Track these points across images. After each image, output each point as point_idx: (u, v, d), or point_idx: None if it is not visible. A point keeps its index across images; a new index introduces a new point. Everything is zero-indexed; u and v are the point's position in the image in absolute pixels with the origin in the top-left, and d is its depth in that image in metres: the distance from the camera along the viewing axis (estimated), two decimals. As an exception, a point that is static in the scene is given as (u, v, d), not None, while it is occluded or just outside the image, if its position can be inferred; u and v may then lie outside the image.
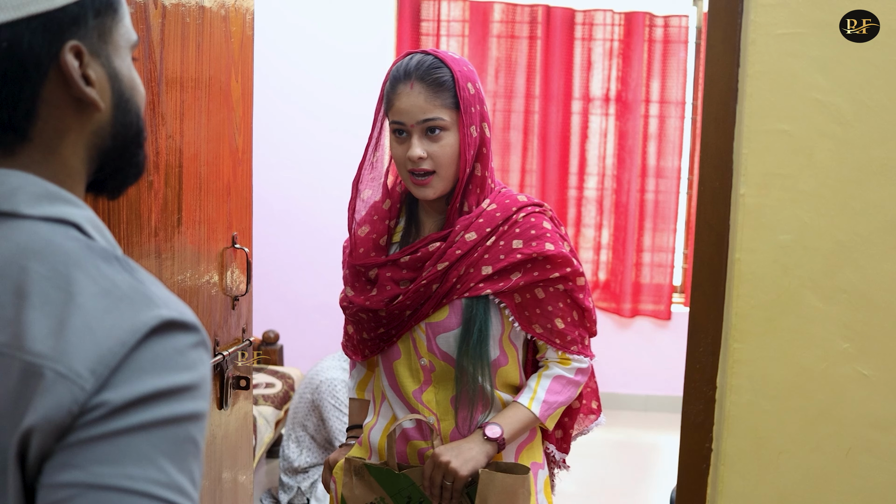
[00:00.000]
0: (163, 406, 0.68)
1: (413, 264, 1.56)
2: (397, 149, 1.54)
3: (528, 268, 1.53)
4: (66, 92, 0.76)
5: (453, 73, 1.50)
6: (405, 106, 1.49)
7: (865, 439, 1.49)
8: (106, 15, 0.78)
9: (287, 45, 4.78)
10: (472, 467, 1.50)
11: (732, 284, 1.48)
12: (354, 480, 1.61)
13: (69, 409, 0.66)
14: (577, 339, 1.60)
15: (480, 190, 1.56)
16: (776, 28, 1.43)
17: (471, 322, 1.53)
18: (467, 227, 1.54)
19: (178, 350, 0.70)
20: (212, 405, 1.91)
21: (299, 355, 4.70)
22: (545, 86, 4.90)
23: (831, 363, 1.48)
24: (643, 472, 4.27)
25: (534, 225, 1.55)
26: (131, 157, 0.84)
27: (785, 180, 1.45)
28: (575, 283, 1.57)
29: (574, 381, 1.61)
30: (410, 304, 1.55)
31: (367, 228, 1.62)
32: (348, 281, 1.65)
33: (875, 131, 1.43)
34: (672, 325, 5.01)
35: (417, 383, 1.59)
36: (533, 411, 1.57)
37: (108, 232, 0.80)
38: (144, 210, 1.56)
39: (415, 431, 1.61)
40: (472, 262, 1.53)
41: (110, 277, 0.72)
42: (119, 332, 0.68)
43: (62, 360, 0.67)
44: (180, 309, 0.73)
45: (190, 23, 1.70)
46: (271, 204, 4.75)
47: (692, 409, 1.53)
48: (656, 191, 5.03)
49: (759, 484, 1.50)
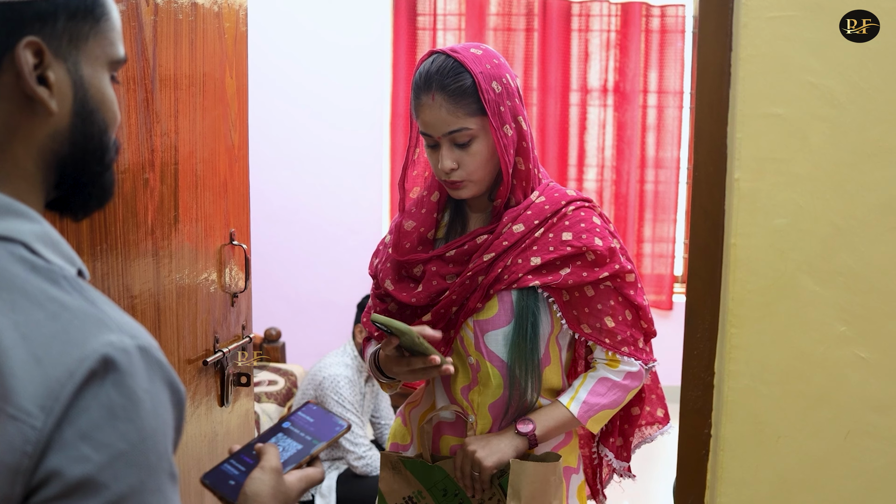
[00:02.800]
0: (116, 473, 0.66)
1: (460, 258, 1.53)
2: (430, 156, 1.52)
3: (577, 265, 1.49)
4: (18, 87, 0.73)
5: (474, 77, 1.44)
6: (429, 119, 1.46)
7: (864, 422, 1.48)
8: (82, 21, 0.76)
9: (282, 41, 4.78)
10: (497, 459, 1.48)
11: (729, 270, 1.48)
12: (392, 475, 1.59)
13: (22, 450, 0.65)
14: (628, 340, 1.54)
15: (526, 182, 1.53)
16: (768, 11, 1.42)
17: (522, 318, 1.49)
18: (515, 219, 1.51)
19: (127, 394, 0.68)
20: (212, 403, 1.91)
21: (301, 352, 4.71)
22: (543, 78, 4.89)
23: (829, 347, 1.47)
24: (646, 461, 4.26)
25: (583, 219, 1.52)
26: (94, 175, 0.81)
27: (779, 164, 1.45)
28: (624, 280, 1.53)
29: (621, 384, 1.56)
30: (457, 298, 1.51)
31: (412, 223, 1.58)
32: (388, 274, 1.60)
33: (869, 113, 1.43)
34: (674, 315, 5.01)
35: (468, 380, 1.55)
36: (571, 411, 1.53)
37: (65, 245, 0.77)
38: (140, 208, 1.56)
39: (450, 427, 1.59)
40: (519, 252, 1.50)
41: (58, 300, 0.69)
42: (69, 360, 0.66)
43: (10, 399, 0.65)
44: (133, 331, 0.71)
45: (182, 20, 1.70)
46: (271, 201, 4.75)
47: (691, 395, 1.53)
48: (656, 181, 5.02)
49: (758, 469, 1.50)
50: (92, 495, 0.66)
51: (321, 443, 1.05)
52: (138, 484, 0.68)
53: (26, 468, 0.65)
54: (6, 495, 0.65)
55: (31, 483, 0.66)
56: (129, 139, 1.51)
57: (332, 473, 3.34)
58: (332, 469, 3.34)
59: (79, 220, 0.85)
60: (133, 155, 1.52)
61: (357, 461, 3.28)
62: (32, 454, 0.65)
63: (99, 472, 0.66)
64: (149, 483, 0.69)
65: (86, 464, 0.66)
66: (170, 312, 1.68)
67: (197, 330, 1.81)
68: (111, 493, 0.66)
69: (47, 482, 0.65)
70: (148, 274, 1.59)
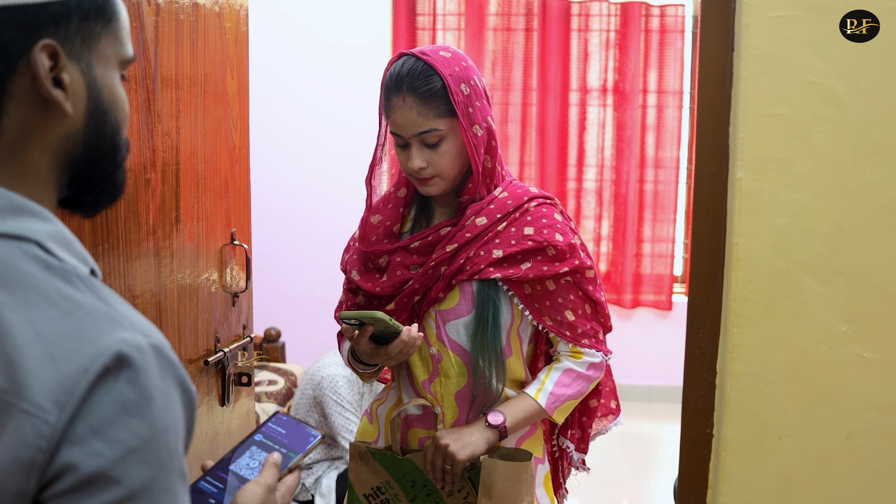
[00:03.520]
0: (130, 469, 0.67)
1: (424, 249, 1.56)
2: (400, 155, 1.55)
3: (537, 259, 1.53)
4: (33, 90, 0.74)
5: (444, 80, 1.48)
6: (400, 120, 1.50)
7: (866, 422, 1.49)
8: (94, 21, 0.76)
9: (282, 41, 4.78)
10: (470, 452, 1.51)
11: (731, 269, 1.48)
12: (360, 465, 1.61)
13: (36, 445, 0.65)
14: (588, 333, 1.58)
15: (490, 179, 1.57)
16: (770, 11, 1.42)
17: (483, 308, 1.53)
18: (478, 213, 1.55)
19: (140, 391, 0.68)
20: (213, 402, 1.91)
21: (301, 352, 4.71)
22: (542, 78, 4.89)
23: (831, 346, 1.48)
24: (646, 461, 4.27)
25: (545, 215, 1.56)
26: (106, 174, 0.81)
27: (781, 164, 1.45)
28: (584, 276, 1.57)
29: (585, 375, 1.60)
30: (419, 287, 1.55)
31: (379, 217, 1.62)
32: (354, 265, 1.64)
33: (870, 113, 1.43)
34: (673, 315, 5.01)
35: (427, 373, 1.58)
36: (539, 402, 1.57)
37: (78, 245, 0.78)
38: (142, 208, 1.56)
39: (418, 420, 1.61)
40: (481, 245, 1.54)
41: (71, 298, 0.70)
42: (82, 357, 0.67)
43: (24, 395, 0.65)
44: (145, 330, 0.71)
45: (183, 20, 1.70)
46: (270, 201, 4.75)
47: (692, 395, 1.53)
48: (655, 181, 5.02)
49: (760, 468, 1.50)
50: (105, 489, 0.66)
51: (297, 455, 1.05)
52: (149, 481, 0.68)
53: (40, 463, 0.66)
54: (20, 489, 0.66)
55: (45, 477, 0.66)
56: (131, 139, 1.51)
57: (332, 473, 3.34)
58: (331, 469, 3.34)
59: (90, 217, 0.85)
60: (135, 155, 1.52)
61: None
62: (46, 449, 0.65)
63: (111, 467, 0.66)
64: (160, 481, 0.69)
65: (99, 458, 0.66)
66: (171, 312, 1.68)
67: (198, 329, 1.81)
68: (123, 490, 0.67)
69: (61, 475, 0.66)
70: (149, 274, 1.59)
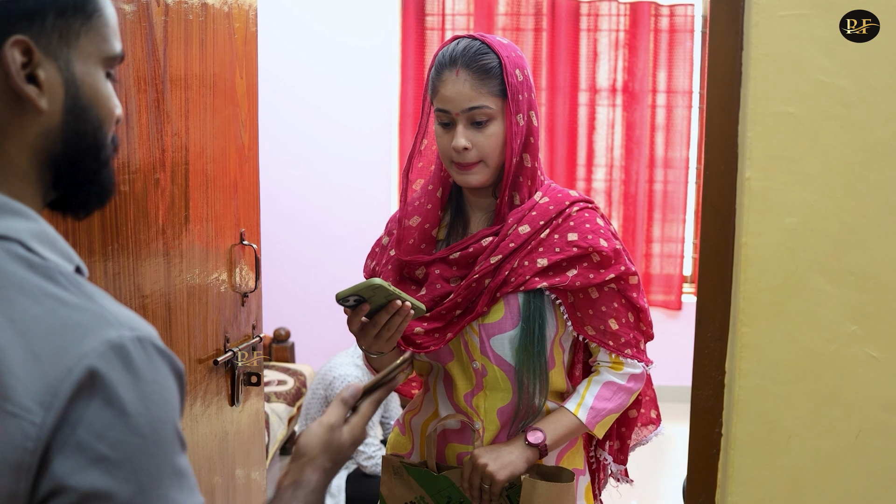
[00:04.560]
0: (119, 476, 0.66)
1: (464, 260, 1.50)
2: (442, 138, 1.48)
3: (583, 266, 1.48)
4: (6, 85, 0.73)
5: (501, 59, 1.43)
6: (450, 94, 1.44)
7: (875, 422, 1.48)
8: (72, 17, 0.76)
9: (291, 41, 4.79)
10: (509, 472, 1.45)
11: (740, 269, 1.48)
12: (393, 479, 1.57)
13: (23, 447, 0.65)
14: (631, 342, 1.54)
15: (532, 182, 1.50)
16: (779, 10, 1.42)
17: (530, 321, 1.47)
18: (520, 220, 1.49)
19: (127, 389, 0.67)
20: (223, 402, 1.92)
21: (310, 352, 4.72)
22: (551, 78, 4.89)
23: (840, 346, 1.47)
24: (655, 461, 4.26)
25: (588, 220, 1.51)
26: (90, 173, 0.80)
27: (791, 163, 1.45)
28: (628, 283, 1.52)
29: (626, 387, 1.55)
30: (462, 301, 1.48)
31: (418, 219, 1.54)
32: (389, 275, 1.56)
33: (880, 112, 1.42)
34: (683, 316, 5.00)
35: (470, 386, 1.53)
36: (579, 418, 1.52)
37: (62, 242, 0.78)
38: (151, 208, 1.56)
39: (456, 434, 1.56)
40: (525, 254, 1.48)
41: (55, 296, 0.69)
42: (67, 357, 0.66)
43: (9, 396, 0.65)
44: (132, 323, 0.71)
45: (193, 20, 1.71)
46: (280, 201, 4.76)
47: (701, 394, 1.53)
48: (665, 181, 5.01)
49: (769, 468, 1.50)
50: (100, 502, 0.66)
51: None
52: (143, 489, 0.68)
53: (28, 464, 0.65)
54: (12, 492, 0.65)
55: (38, 495, 0.66)
56: (140, 139, 1.51)
57: (342, 473, 3.34)
58: (341, 469, 3.34)
59: (81, 219, 0.85)
60: (144, 155, 1.53)
61: (367, 461, 3.28)
62: (34, 450, 0.65)
63: (103, 483, 0.66)
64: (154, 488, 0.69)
65: (89, 475, 0.65)
66: (181, 312, 1.69)
67: (207, 329, 1.82)
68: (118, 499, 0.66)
69: (54, 496, 0.65)
70: (159, 274, 1.60)
